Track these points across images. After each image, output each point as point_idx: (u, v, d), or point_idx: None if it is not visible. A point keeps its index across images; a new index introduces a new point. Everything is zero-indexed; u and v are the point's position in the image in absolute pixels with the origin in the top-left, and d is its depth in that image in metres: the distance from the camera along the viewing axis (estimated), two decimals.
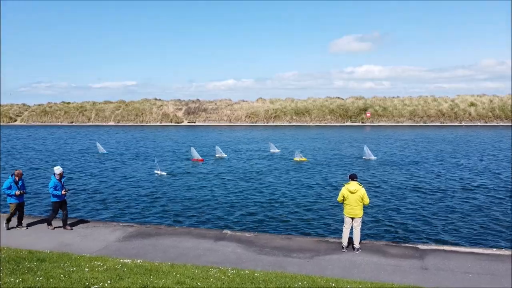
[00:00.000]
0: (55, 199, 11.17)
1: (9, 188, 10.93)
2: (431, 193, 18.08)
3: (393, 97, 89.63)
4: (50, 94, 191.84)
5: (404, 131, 61.96)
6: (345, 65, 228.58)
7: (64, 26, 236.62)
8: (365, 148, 29.80)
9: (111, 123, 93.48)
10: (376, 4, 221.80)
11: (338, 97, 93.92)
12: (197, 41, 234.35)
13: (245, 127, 79.15)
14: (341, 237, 9.82)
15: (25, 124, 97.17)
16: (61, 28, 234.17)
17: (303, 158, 28.66)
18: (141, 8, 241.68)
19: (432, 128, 70.16)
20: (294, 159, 28.76)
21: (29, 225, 11.60)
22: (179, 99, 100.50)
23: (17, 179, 11.11)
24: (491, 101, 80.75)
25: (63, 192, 11.10)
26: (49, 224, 11.37)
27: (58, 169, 11.27)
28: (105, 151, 35.11)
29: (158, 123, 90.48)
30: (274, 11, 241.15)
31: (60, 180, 11.22)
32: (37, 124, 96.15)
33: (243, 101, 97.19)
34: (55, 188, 11.02)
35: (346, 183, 9.67)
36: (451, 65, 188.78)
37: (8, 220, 11.25)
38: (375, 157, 28.85)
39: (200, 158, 28.77)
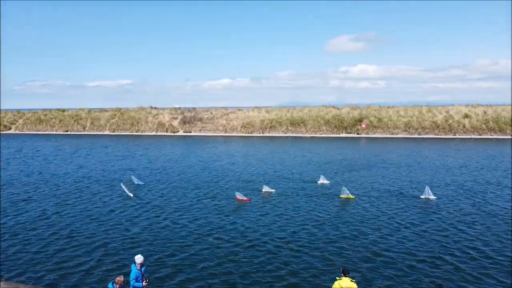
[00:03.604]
0: None
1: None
2: None
3: (388, 107, 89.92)
4: (45, 92, 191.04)
5: (400, 143, 62.25)
6: (341, 64, 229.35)
7: (59, 25, 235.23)
8: (427, 188, 27.38)
9: (107, 132, 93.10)
10: (372, 5, 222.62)
11: (333, 107, 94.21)
12: (192, 40, 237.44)
13: (240, 137, 79.17)
14: None
15: (20, 132, 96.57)
16: (56, 27, 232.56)
17: (350, 196, 26.94)
18: (136, 8, 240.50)
19: (427, 141, 70.54)
20: (341, 196, 27.05)
21: None
22: (174, 107, 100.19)
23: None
24: (485, 112, 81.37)
25: (144, 283, 10.83)
26: None
27: (139, 258, 10.99)
28: (141, 182, 32.03)
29: (153, 133, 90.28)
30: (270, 11, 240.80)
31: (140, 269, 10.92)
32: (32, 133, 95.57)
33: (239, 109, 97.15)
34: (136, 279, 10.77)
35: (338, 278, 9.83)
36: (446, 65, 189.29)
37: None
38: (435, 197, 26.70)
39: (245, 198, 26.76)
